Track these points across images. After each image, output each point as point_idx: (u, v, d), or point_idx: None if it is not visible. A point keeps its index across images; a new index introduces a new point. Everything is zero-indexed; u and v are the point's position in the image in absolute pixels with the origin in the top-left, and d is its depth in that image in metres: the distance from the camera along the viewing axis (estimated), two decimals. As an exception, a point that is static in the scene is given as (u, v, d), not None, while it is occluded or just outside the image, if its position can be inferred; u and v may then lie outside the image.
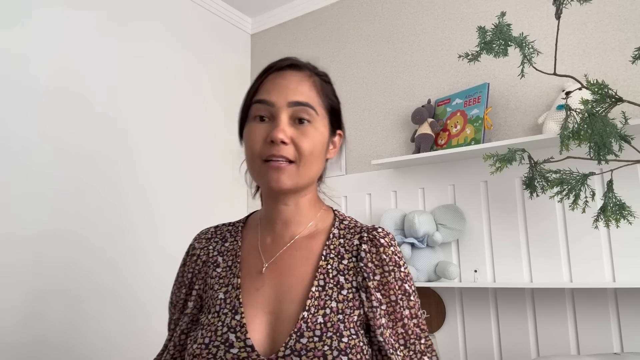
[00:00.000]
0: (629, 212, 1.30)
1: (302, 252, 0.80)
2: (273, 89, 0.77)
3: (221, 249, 0.86)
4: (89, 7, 1.86)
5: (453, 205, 1.85)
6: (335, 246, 0.80)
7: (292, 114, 0.75)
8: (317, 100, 0.78)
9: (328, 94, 0.82)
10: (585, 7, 1.71)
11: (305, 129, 0.75)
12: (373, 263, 0.76)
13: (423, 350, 0.76)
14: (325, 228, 0.83)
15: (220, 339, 0.72)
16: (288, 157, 0.74)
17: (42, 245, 1.60)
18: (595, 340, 1.55)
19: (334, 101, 0.83)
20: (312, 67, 0.83)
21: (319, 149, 0.77)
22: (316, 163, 0.78)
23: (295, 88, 0.77)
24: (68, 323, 1.65)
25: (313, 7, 2.49)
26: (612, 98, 1.24)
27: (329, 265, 0.77)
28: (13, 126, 1.57)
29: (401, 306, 0.76)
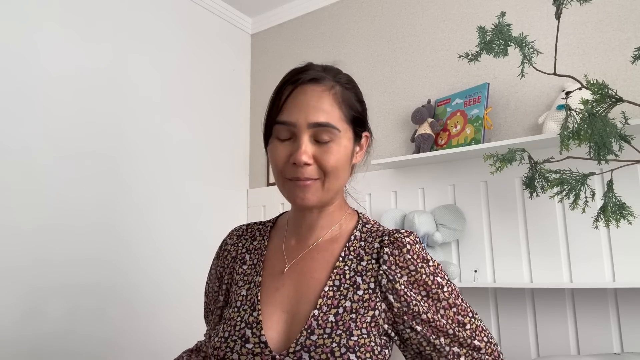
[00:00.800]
0: (629, 212, 1.30)
1: (323, 254, 0.81)
2: (294, 108, 0.76)
3: (249, 247, 0.89)
4: (89, 7, 1.86)
5: (453, 205, 1.85)
6: (355, 248, 0.81)
7: (314, 134, 0.75)
8: (339, 114, 0.77)
9: (351, 102, 0.80)
10: (585, 7, 1.71)
11: (327, 147, 0.75)
12: (397, 265, 0.76)
13: (470, 335, 0.76)
14: (348, 231, 0.84)
15: (238, 334, 0.75)
16: (312, 177, 0.76)
17: (41, 243, 1.60)
18: (595, 340, 1.55)
19: (358, 108, 0.81)
20: (333, 73, 0.81)
21: (342, 162, 0.77)
22: (342, 176, 0.79)
23: (315, 106, 0.75)
24: (68, 322, 1.65)
25: (313, 7, 2.49)
26: (612, 98, 1.24)
27: (346, 267, 0.78)
28: (14, 125, 1.57)
29: (436, 299, 0.76)
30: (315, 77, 0.77)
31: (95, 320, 1.73)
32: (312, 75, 0.78)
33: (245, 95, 2.60)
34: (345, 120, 0.77)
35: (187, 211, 2.16)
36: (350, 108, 0.79)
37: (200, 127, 2.29)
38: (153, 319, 1.93)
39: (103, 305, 1.76)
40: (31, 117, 1.62)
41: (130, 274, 1.88)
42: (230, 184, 2.42)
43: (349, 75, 0.84)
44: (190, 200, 2.18)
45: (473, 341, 0.76)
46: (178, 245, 2.08)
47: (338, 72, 0.82)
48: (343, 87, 0.79)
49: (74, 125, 1.75)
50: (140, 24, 2.07)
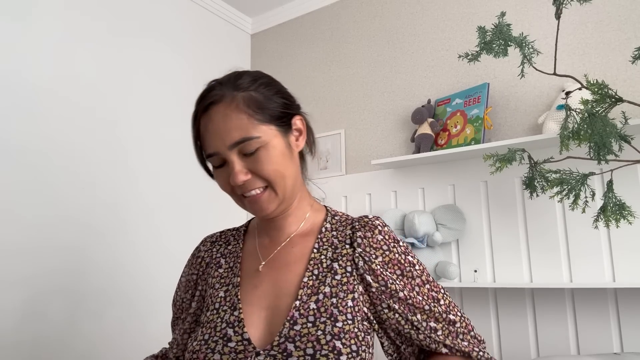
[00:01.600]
0: (629, 212, 1.30)
1: (297, 248, 0.82)
2: (210, 138, 0.75)
3: (224, 252, 0.90)
4: (88, 8, 1.86)
5: (453, 205, 1.85)
6: (328, 238, 0.82)
7: (238, 151, 0.74)
8: (251, 121, 0.74)
9: (260, 103, 0.76)
10: (585, 7, 1.71)
11: (257, 157, 0.74)
12: (371, 246, 0.78)
13: (445, 310, 0.79)
14: (318, 224, 0.85)
15: (219, 334, 0.75)
16: (258, 187, 0.76)
17: (41, 244, 1.60)
18: (595, 340, 1.55)
19: (270, 104, 0.77)
20: (232, 83, 0.78)
21: (280, 163, 0.76)
22: (287, 174, 0.78)
23: (225, 128, 0.73)
24: (68, 323, 1.65)
25: (313, 7, 2.49)
26: (612, 98, 1.24)
27: (322, 256, 0.80)
28: (15, 125, 1.57)
29: (410, 277, 0.78)
30: (213, 100, 0.76)
31: (95, 323, 1.73)
32: (210, 98, 0.76)
33: (245, 95, 2.60)
34: (262, 121, 0.75)
35: (187, 211, 2.16)
36: (261, 108, 0.75)
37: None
38: (151, 320, 1.93)
39: (103, 308, 1.76)
40: (33, 117, 1.62)
41: (130, 275, 1.88)
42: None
43: (254, 73, 0.82)
44: (191, 201, 2.18)
45: (449, 315, 0.79)
46: (178, 245, 2.08)
47: (237, 78, 0.79)
48: (245, 92, 0.76)
49: (72, 127, 1.75)
50: (139, 23, 2.07)
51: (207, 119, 0.76)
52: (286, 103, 0.80)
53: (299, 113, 0.83)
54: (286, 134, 0.79)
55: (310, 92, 2.43)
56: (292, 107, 0.82)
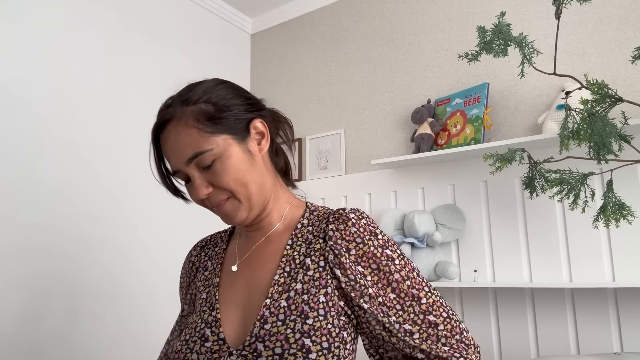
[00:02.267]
0: (629, 212, 1.30)
1: (272, 245, 0.82)
2: (169, 157, 0.76)
3: (211, 254, 0.91)
4: (87, 7, 1.86)
5: (453, 205, 1.85)
6: (303, 234, 0.80)
7: (196, 166, 0.74)
8: (203, 135, 0.73)
9: (210, 115, 0.74)
10: (585, 7, 1.71)
11: (214, 169, 0.74)
12: (344, 239, 0.75)
13: (425, 310, 0.73)
14: (295, 220, 0.84)
15: (197, 334, 0.75)
16: (223, 199, 0.76)
17: (40, 245, 1.60)
18: (595, 340, 1.55)
19: (222, 114, 0.76)
20: (181, 98, 0.77)
21: (239, 171, 0.75)
22: (251, 181, 0.76)
23: (178, 146, 0.74)
24: (67, 324, 1.65)
25: (313, 7, 2.49)
26: (612, 98, 1.24)
27: (295, 252, 0.78)
28: (11, 128, 1.57)
29: (387, 271, 0.74)
30: (164, 119, 0.75)
31: (95, 324, 1.73)
32: (162, 118, 0.76)
33: (245, 95, 2.60)
34: (213, 133, 0.74)
35: (187, 211, 2.16)
36: (211, 120, 0.74)
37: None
38: (151, 321, 1.93)
39: (102, 309, 1.76)
40: (30, 117, 1.62)
41: (130, 275, 1.88)
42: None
43: (208, 83, 0.80)
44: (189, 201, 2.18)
45: (428, 317, 0.73)
46: (178, 245, 2.08)
47: (188, 91, 0.77)
48: (194, 105, 0.75)
49: (70, 126, 1.75)
50: (139, 23, 2.07)
51: (164, 138, 0.76)
52: (244, 109, 0.79)
53: (258, 116, 0.81)
54: (244, 140, 0.77)
55: (310, 92, 2.43)
56: (249, 112, 0.80)
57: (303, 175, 2.36)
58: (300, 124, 2.42)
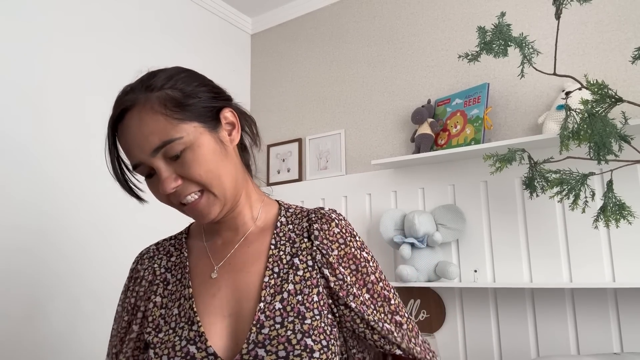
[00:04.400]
0: (629, 212, 1.30)
1: (253, 246, 0.77)
2: (130, 148, 0.69)
3: (168, 265, 0.81)
4: (86, 7, 1.86)
5: (453, 205, 1.85)
6: (284, 233, 0.78)
7: (163, 155, 0.67)
8: (170, 121, 0.67)
9: (177, 100, 0.69)
10: (585, 7, 1.71)
11: (184, 159, 0.67)
12: (328, 239, 0.75)
13: (393, 311, 0.76)
14: (272, 219, 0.81)
15: (180, 354, 0.68)
16: (193, 192, 0.69)
17: (40, 246, 1.60)
18: (595, 340, 1.55)
19: (190, 100, 0.70)
20: (144, 84, 0.71)
21: (211, 162, 0.69)
22: (223, 173, 0.71)
23: (142, 135, 0.67)
24: (66, 325, 1.65)
25: (313, 7, 2.49)
26: (612, 98, 1.24)
27: (280, 252, 0.76)
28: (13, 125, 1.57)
29: (364, 273, 0.76)
30: (125, 107, 0.69)
31: (94, 324, 1.73)
32: (122, 105, 0.70)
33: (245, 95, 2.60)
34: (182, 120, 0.68)
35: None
36: (179, 106, 0.69)
37: (200, 127, 2.29)
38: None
39: (102, 309, 1.76)
40: (30, 116, 1.62)
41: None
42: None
43: (170, 70, 0.75)
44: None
45: (395, 316, 0.76)
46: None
47: (151, 78, 0.72)
48: (160, 91, 0.69)
49: (69, 127, 1.75)
50: (139, 23, 2.07)
51: (123, 128, 0.69)
52: (211, 96, 0.74)
53: (228, 105, 0.76)
54: (215, 129, 0.72)
55: (310, 92, 2.43)
56: (218, 100, 0.75)
57: (303, 175, 2.36)
58: (300, 124, 2.42)
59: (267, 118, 2.53)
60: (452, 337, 1.82)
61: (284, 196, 2.36)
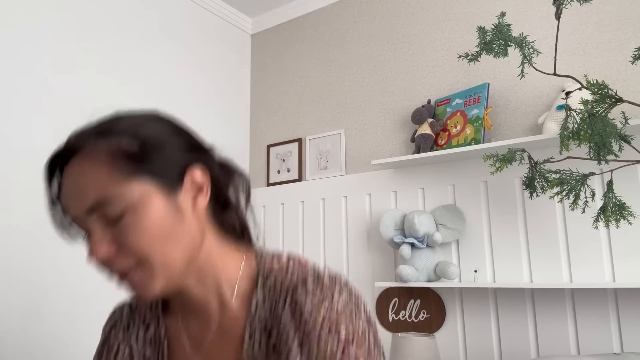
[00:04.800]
0: (629, 212, 1.30)
1: (229, 335, 0.64)
2: (65, 201, 0.58)
3: (147, 338, 0.69)
4: (88, 7, 1.86)
5: (453, 205, 1.85)
6: (261, 319, 0.63)
7: (99, 217, 0.56)
8: (115, 176, 0.56)
9: (134, 150, 0.57)
10: (585, 7, 1.71)
11: (123, 224, 0.56)
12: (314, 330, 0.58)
13: None
14: (248, 295, 0.65)
15: None
16: (126, 268, 0.57)
17: (39, 246, 1.60)
18: (595, 340, 1.55)
19: (156, 149, 0.58)
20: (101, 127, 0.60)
21: (158, 229, 0.56)
22: (172, 244, 0.58)
23: (79, 189, 0.56)
24: (66, 325, 1.65)
25: (313, 7, 2.49)
26: (612, 98, 1.24)
27: (256, 344, 0.62)
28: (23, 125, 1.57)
29: None
30: (68, 149, 0.58)
31: (93, 325, 1.73)
32: (67, 146, 0.59)
33: (245, 95, 2.60)
34: (130, 175, 0.56)
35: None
36: (131, 158, 0.57)
37: (200, 127, 2.28)
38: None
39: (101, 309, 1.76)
40: (31, 117, 1.62)
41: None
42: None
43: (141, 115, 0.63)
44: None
45: None
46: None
47: (112, 121, 0.61)
48: (114, 137, 0.57)
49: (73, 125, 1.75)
50: (139, 23, 2.07)
51: (64, 175, 0.59)
52: (181, 148, 0.61)
53: (199, 161, 0.63)
54: (172, 191, 0.59)
55: (310, 92, 2.43)
56: (188, 154, 0.62)
57: (303, 175, 2.36)
58: (300, 124, 2.43)
59: (267, 118, 2.53)
60: (452, 337, 1.82)
61: (284, 196, 2.36)
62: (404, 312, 1.93)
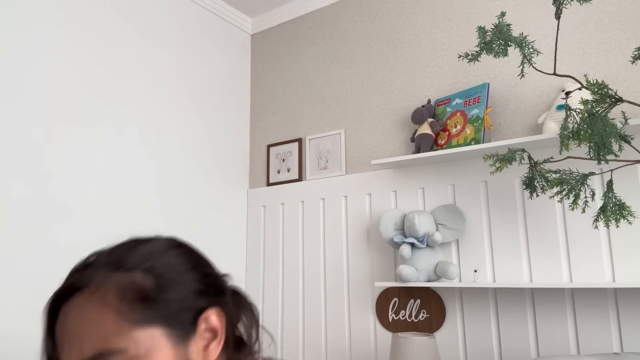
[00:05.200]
0: (629, 212, 1.30)
1: None
2: (61, 345, 0.51)
3: None
4: (86, 7, 1.86)
5: (453, 205, 1.85)
6: None
7: None
8: (121, 324, 0.50)
9: (148, 293, 0.52)
10: (585, 7, 1.71)
11: None
12: None
13: None
14: None
15: None
16: None
17: (39, 246, 1.60)
18: (595, 340, 1.55)
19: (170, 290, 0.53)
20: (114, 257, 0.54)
21: None
22: None
23: (76, 335, 0.50)
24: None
25: (313, 7, 2.49)
26: (612, 98, 1.24)
27: None
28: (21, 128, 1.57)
29: None
30: (73, 285, 0.52)
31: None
32: (72, 281, 0.53)
33: (245, 95, 2.61)
34: (140, 323, 0.51)
35: (187, 211, 2.16)
36: (144, 301, 0.51)
37: (200, 127, 2.29)
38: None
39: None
40: (32, 117, 1.62)
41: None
42: (230, 184, 2.41)
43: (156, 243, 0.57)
44: (190, 200, 2.18)
45: None
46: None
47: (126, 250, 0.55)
48: (128, 272, 0.52)
49: (67, 128, 1.75)
50: (139, 23, 2.07)
51: (64, 315, 0.52)
52: (196, 290, 0.55)
53: (216, 304, 0.57)
54: (185, 340, 0.53)
55: (310, 92, 2.43)
56: (205, 297, 0.56)
57: (303, 175, 2.36)
58: (300, 124, 2.43)
59: (267, 118, 2.53)
60: (452, 337, 1.82)
61: (284, 196, 2.36)
62: (404, 312, 1.93)
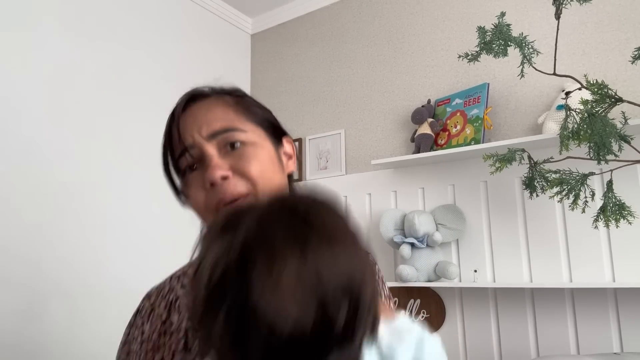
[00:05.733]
0: (629, 212, 1.30)
1: None
2: (185, 130, 0.63)
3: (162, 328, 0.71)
4: (88, 7, 1.86)
5: (453, 205, 1.85)
6: None
7: (219, 144, 0.62)
8: (239, 117, 0.65)
9: (248, 105, 0.68)
10: (585, 7, 1.71)
11: (242, 152, 0.62)
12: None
13: None
14: None
15: None
16: (239, 192, 0.60)
17: (40, 245, 1.60)
18: (595, 340, 1.55)
19: (261, 111, 0.70)
20: (218, 89, 0.70)
21: (269, 167, 0.64)
22: (276, 182, 0.64)
23: (205, 119, 0.63)
24: (65, 325, 1.65)
25: (313, 7, 2.49)
26: (612, 98, 1.24)
27: None
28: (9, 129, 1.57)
29: None
30: (197, 95, 0.67)
31: (93, 324, 1.73)
32: (192, 93, 0.67)
33: (245, 95, 2.60)
34: (250, 121, 0.66)
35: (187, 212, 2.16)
36: (249, 110, 0.67)
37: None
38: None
39: (101, 309, 1.76)
40: (31, 116, 1.62)
41: (130, 275, 1.88)
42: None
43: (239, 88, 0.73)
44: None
45: None
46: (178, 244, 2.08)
47: (224, 87, 0.71)
48: (234, 96, 0.68)
49: (67, 128, 1.75)
50: (140, 23, 2.07)
51: (186, 115, 0.65)
52: (274, 119, 0.72)
53: (287, 135, 0.73)
54: (276, 146, 0.69)
55: (310, 92, 2.43)
56: (280, 126, 0.73)
57: (303, 175, 2.36)
58: (300, 124, 2.43)
59: (267, 118, 2.53)
60: (452, 337, 1.82)
61: (284, 196, 2.36)
62: (404, 311, 1.93)
